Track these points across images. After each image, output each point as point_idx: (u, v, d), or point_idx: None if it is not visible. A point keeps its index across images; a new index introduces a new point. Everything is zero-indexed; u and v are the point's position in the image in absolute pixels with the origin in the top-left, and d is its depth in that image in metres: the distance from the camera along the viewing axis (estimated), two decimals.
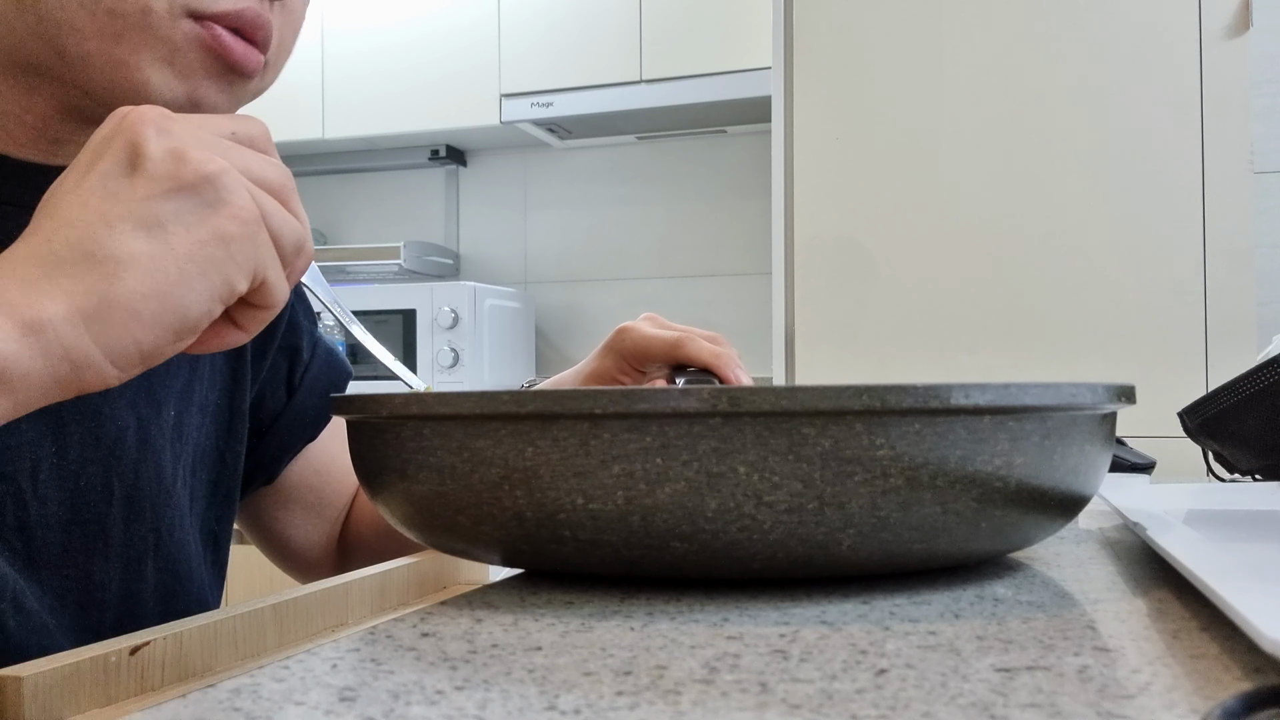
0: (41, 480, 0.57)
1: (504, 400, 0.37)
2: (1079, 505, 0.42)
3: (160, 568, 0.63)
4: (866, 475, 0.35)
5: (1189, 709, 0.25)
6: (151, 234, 0.40)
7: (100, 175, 0.40)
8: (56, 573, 0.58)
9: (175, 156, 0.40)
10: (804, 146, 1.85)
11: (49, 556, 0.58)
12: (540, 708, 0.25)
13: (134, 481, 0.62)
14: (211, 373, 0.68)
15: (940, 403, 0.35)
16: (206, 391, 0.67)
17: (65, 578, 0.58)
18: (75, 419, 0.59)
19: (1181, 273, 1.64)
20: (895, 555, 0.38)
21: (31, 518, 0.57)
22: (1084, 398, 0.39)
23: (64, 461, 0.58)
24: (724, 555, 0.37)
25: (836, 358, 1.81)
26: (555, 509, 0.37)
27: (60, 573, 0.58)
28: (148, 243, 0.39)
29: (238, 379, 0.70)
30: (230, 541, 0.73)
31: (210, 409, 0.68)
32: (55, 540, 0.58)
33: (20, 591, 0.55)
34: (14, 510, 0.56)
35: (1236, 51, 1.62)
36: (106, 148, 0.41)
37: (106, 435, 0.60)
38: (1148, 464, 0.80)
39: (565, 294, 2.74)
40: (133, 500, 0.62)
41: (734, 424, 0.35)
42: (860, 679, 0.28)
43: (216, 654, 0.44)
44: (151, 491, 0.63)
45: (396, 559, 0.59)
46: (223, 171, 0.41)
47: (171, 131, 0.41)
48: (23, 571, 0.56)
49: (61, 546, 0.58)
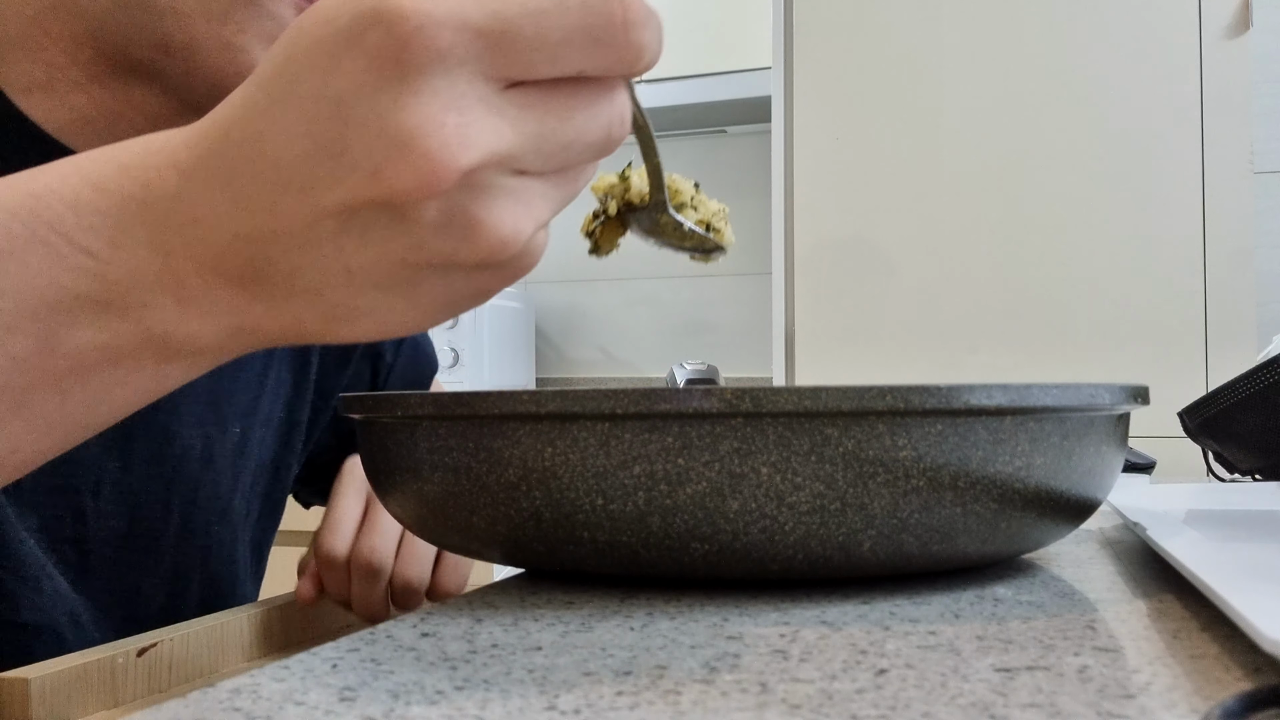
0: (103, 496, 0.57)
1: (523, 400, 0.37)
2: (1093, 506, 0.43)
3: (205, 582, 0.63)
4: (889, 476, 0.35)
5: (1189, 709, 0.25)
6: (400, 293, 0.32)
7: (345, 208, 0.30)
8: (106, 586, 0.58)
9: (464, 228, 0.30)
10: (804, 146, 1.84)
11: (101, 570, 0.58)
12: (540, 708, 0.25)
13: (192, 499, 0.62)
14: (276, 385, 0.67)
15: (963, 403, 0.35)
16: (271, 405, 0.67)
17: (114, 591, 0.58)
18: (142, 435, 0.58)
19: (1182, 273, 1.64)
20: (914, 557, 0.38)
21: (89, 533, 0.57)
22: (1102, 399, 0.39)
23: (127, 478, 0.58)
24: (743, 557, 0.37)
25: (836, 358, 1.81)
26: (573, 510, 0.37)
27: (109, 586, 0.58)
28: (390, 299, 0.32)
29: (299, 390, 0.69)
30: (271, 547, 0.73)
31: (273, 422, 0.68)
32: (109, 555, 0.58)
33: (77, 608, 0.56)
34: (73, 525, 0.56)
35: (1236, 51, 1.62)
36: (365, 171, 0.29)
37: (171, 453, 0.60)
38: (1148, 464, 0.80)
39: (565, 294, 2.74)
40: (188, 518, 0.62)
41: (756, 425, 0.35)
42: (860, 679, 0.28)
43: (224, 655, 0.45)
44: (207, 509, 0.63)
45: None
46: (526, 253, 0.31)
47: (489, 189, 0.30)
48: (74, 584, 0.56)
49: (114, 561, 0.58)
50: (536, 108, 0.30)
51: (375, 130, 0.28)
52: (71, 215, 0.31)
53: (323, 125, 0.29)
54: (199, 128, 0.32)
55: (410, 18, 0.28)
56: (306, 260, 0.31)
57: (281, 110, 0.29)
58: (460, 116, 0.28)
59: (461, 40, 0.28)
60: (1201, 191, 1.63)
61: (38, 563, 0.54)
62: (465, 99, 0.29)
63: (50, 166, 0.33)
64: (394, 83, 0.28)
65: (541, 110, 0.30)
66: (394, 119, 0.28)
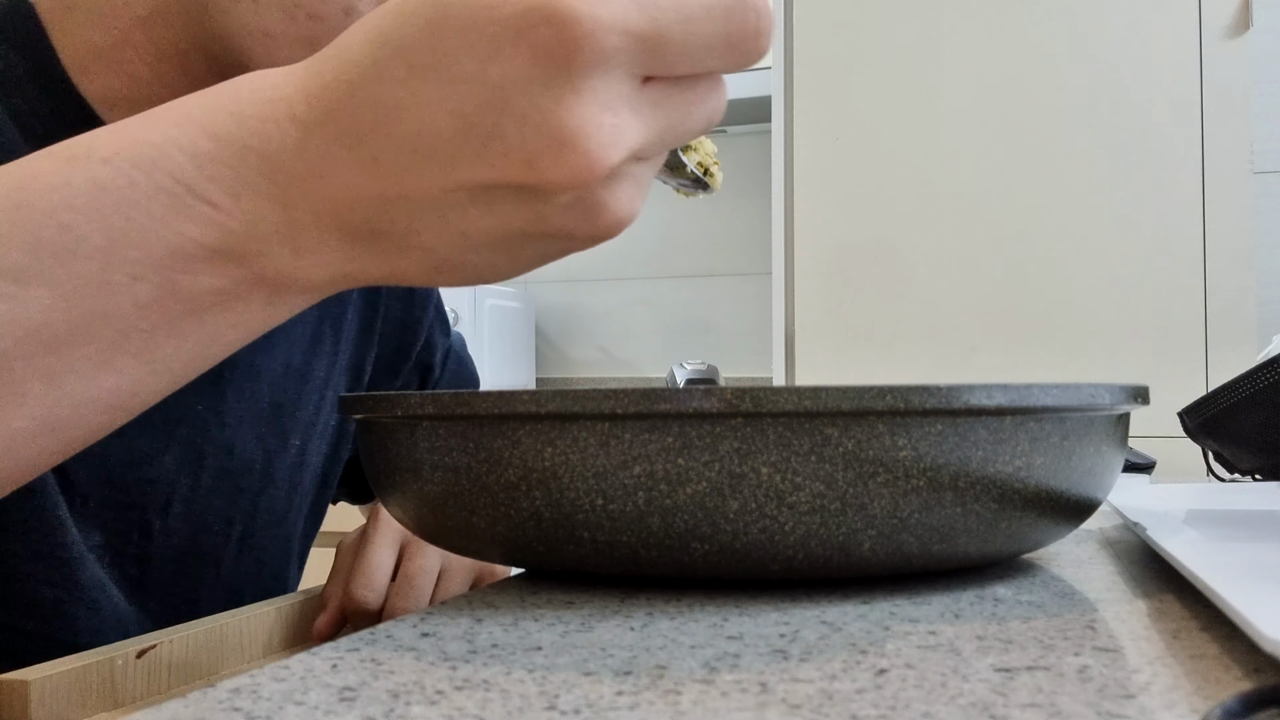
0: (171, 514, 0.57)
1: (523, 400, 0.37)
2: (1093, 506, 0.43)
3: (258, 592, 0.64)
4: (889, 476, 0.35)
5: (1189, 709, 0.25)
6: (504, 252, 0.34)
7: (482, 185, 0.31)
8: (163, 600, 0.58)
9: (591, 211, 0.32)
10: (804, 146, 1.84)
11: (159, 585, 0.58)
12: (540, 708, 0.25)
13: (252, 514, 0.62)
14: (334, 395, 0.68)
15: (963, 403, 0.35)
16: (329, 415, 0.68)
17: (171, 604, 0.59)
18: (212, 453, 0.59)
19: (1182, 272, 1.64)
20: (914, 557, 0.38)
21: (153, 549, 0.57)
22: (1102, 399, 0.39)
23: (195, 495, 0.58)
24: (743, 556, 0.37)
25: (836, 358, 1.81)
26: (573, 510, 0.37)
27: (167, 600, 0.58)
28: (493, 256, 0.34)
29: None
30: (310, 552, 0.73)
31: (328, 433, 0.68)
32: (169, 570, 0.58)
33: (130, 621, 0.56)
34: (139, 541, 0.56)
35: (1237, 51, 1.62)
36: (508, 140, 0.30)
37: (234, 469, 0.60)
38: (1148, 464, 0.80)
39: (565, 294, 2.74)
40: (247, 534, 0.62)
41: (756, 424, 0.35)
42: (860, 679, 0.28)
43: (223, 656, 0.45)
44: (265, 524, 0.63)
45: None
46: (630, 218, 0.33)
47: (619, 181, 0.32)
48: (130, 597, 0.57)
49: (173, 575, 0.59)
50: (666, 104, 0.32)
51: (535, 123, 0.30)
52: (192, 166, 0.32)
53: (476, 108, 0.30)
54: (317, 81, 0.32)
55: (583, 21, 0.29)
56: (427, 223, 0.32)
57: (427, 85, 0.30)
58: (614, 117, 0.30)
59: (623, 44, 0.30)
60: (1201, 191, 1.63)
61: (98, 583, 0.54)
62: (618, 99, 0.30)
63: (159, 114, 0.33)
64: (559, 81, 0.29)
65: (669, 106, 0.32)
66: (555, 115, 0.29)
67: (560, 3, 0.29)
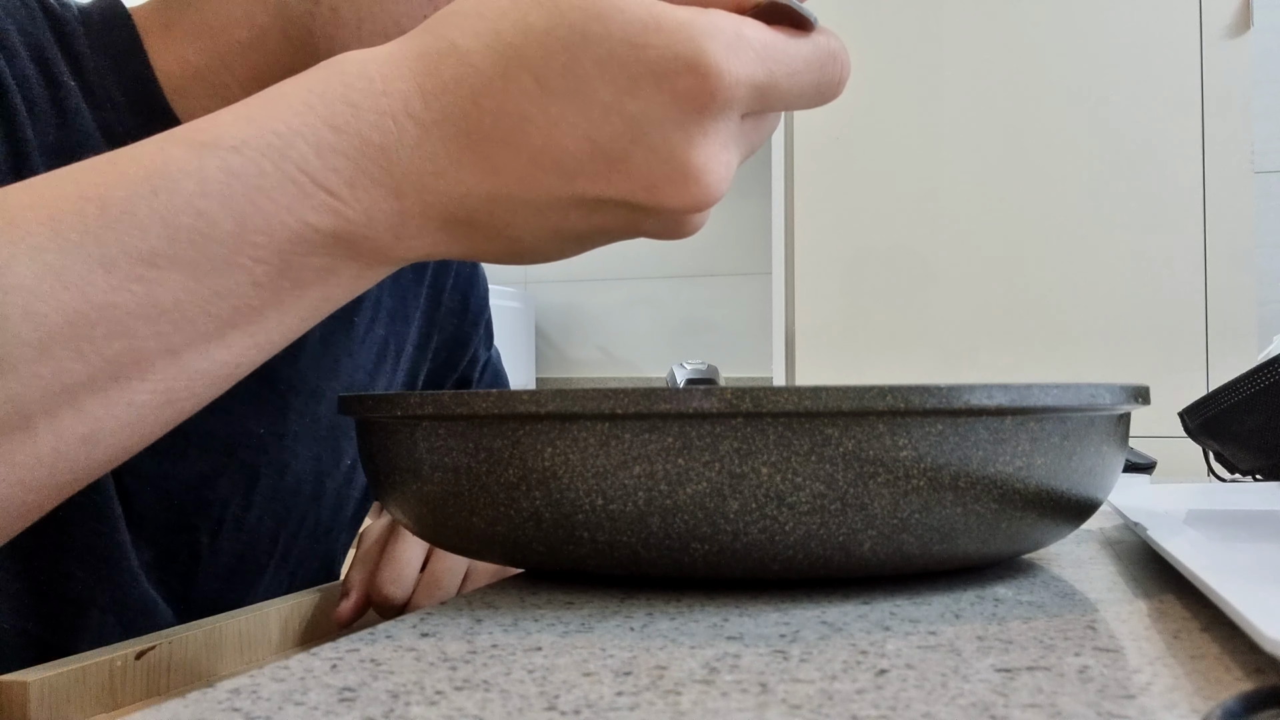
0: (223, 535, 0.58)
1: (523, 400, 0.37)
2: (1094, 506, 0.42)
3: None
4: (889, 476, 0.35)
5: (1189, 709, 0.25)
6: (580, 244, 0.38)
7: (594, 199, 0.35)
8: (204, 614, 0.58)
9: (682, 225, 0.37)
10: (804, 146, 1.84)
11: (202, 601, 0.58)
12: (540, 708, 0.25)
13: (297, 531, 0.62)
14: None
15: (963, 403, 0.35)
16: None
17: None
18: (267, 473, 0.59)
19: (1182, 272, 1.64)
20: (914, 557, 0.38)
21: (201, 567, 0.58)
22: (1103, 399, 0.39)
23: (246, 515, 0.59)
24: (744, 557, 0.37)
25: (836, 358, 1.81)
26: (573, 510, 0.37)
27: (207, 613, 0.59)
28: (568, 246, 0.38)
29: None
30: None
31: None
32: (214, 588, 0.59)
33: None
34: (187, 560, 0.57)
35: (1237, 51, 1.62)
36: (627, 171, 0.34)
37: (285, 488, 0.60)
38: (1148, 464, 0.80)
39: (565, 294, 2.74)
40: (290, 550, 0.62)
41: (756, 424, 0.35)
42: (860, 679, 0.28)
43: (222, 657, 0.44)
44: (309, 540, 0.63)
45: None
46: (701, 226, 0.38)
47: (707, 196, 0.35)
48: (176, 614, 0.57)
49: (218, 593, 0.59)
50: (753, 135, 0.36)
51: (664, 155, 0.33)
52: (315, 157, 0.34)
53: (609, 135, 0.33)
54: (435, 81, 0.34)
55: (724, 76, 0.33)
56: (524, 219, 0.36)
57: (559, 105, 0.33)
58: (728, 154, 0.34)
59: (747, 95, 0.34)
60: (1202, 191, 1.63)
61: (150, 601, 0.55)
62: (730, 137, 0.34)
63: (275, 99, 0.35)
64: (693, 122, 0.33)
65: (754, 136, 0.37)
66: (685, 151, 0.33)
67: (705, 57, 0.32)
